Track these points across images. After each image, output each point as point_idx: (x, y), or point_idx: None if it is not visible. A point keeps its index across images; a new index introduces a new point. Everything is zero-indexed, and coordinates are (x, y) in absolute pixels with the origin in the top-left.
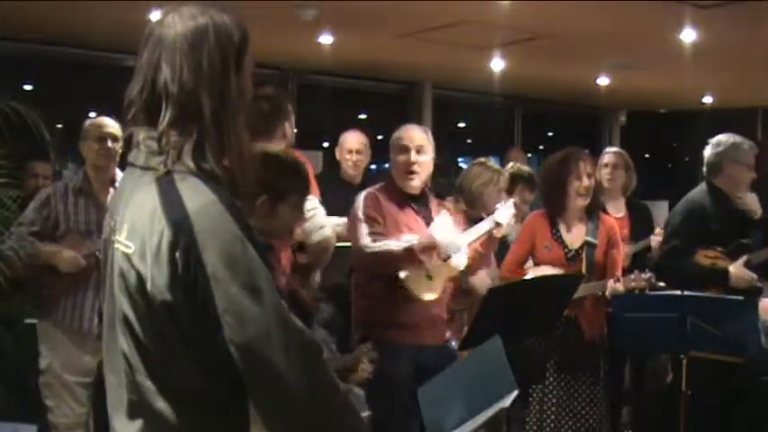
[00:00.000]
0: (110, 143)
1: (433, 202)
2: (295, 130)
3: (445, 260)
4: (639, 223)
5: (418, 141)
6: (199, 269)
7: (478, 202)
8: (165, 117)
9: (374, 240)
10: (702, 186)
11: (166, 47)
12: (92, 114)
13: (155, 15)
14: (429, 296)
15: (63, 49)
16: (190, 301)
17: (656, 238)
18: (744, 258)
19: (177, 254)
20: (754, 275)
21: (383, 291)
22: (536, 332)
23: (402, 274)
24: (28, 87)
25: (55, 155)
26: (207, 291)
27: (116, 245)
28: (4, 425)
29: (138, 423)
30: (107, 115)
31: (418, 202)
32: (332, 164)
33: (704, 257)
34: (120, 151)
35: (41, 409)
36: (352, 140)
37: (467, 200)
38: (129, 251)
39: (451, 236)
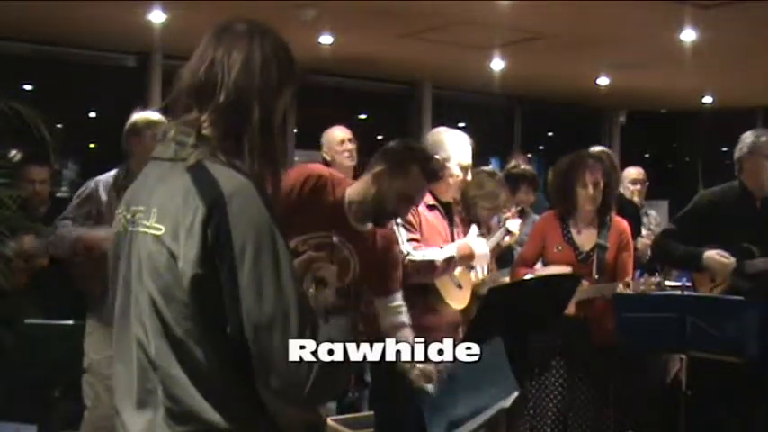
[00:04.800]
0: None
1: (456, 209)
2: (295, 130)
3: (470, 269)
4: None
5: (471, 160)
6: (227, 246)
7: (472, 211)
8: (214, 102)
9: (415, 248)
10: (733, 182)
11: (236, 46)
12: (92, 114)
13: (155, 15)
14: (458, 305)
15: (63, 49)
16: (216, 277)
17: (642, 241)
18: (740, 263)
19: (209, 230)
20: (732, 260)
21: (413, 295)
22: (536, 332)
23: (437, 283)
24: (28, 87)
25: (55, 155)
26: (231, 269)
27: (142, 230)
28: (4, 425)
29: (149, 412)
30: (106, 112)
31: (445, 208)
32: None
33: None
34: None
35: (48, 408)
36: (341, 131)
37: (463, 205)
38: (159, 233)
39: (483, 246)
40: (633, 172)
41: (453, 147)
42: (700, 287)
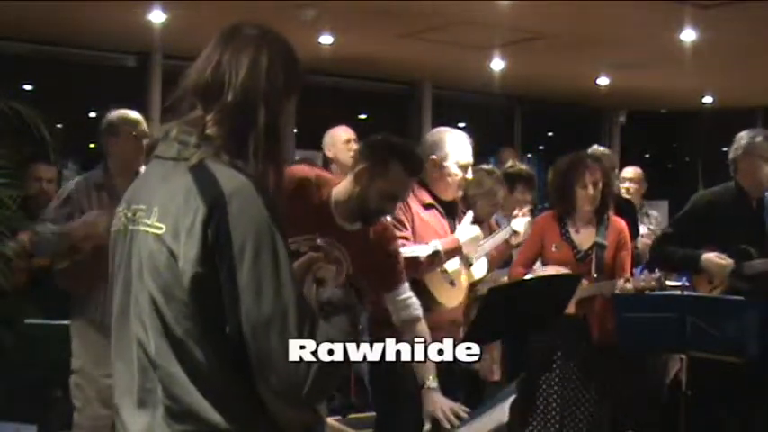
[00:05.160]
0: (144, 141)
1: (460, 208)
2: (295, 130)
3: (468, 267)
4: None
5: (471, 159)
6: (226, 246)
7: (472, 209)
8: (221, 102)
9: (401, 245)
10: (729, 183)
11: (244, 48)
12: (92, 114)
13: (155, 15)
14: (451, 302)
15: (63, 49)
16: (216, 276)
17: (643, 240)
18: (738, 265)
19: (209, 229)
20: (730, 262)
21: None
22: (536, 332)
23: (426, 280)
24: (28, 87)
25: (55, 155)
26: (231, 268)
27: (143, 229)
28: (4, 425)
29: (149, 411)
30: (106, 112)
31: (446, 207)
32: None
33: None
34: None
35: (48, 408)
36: (345, 131)
37: (463, 204)
38: (160, 232)
39: (475, 243)
40: (629, 171)
41: (452, 146)
42: (698, 289)
